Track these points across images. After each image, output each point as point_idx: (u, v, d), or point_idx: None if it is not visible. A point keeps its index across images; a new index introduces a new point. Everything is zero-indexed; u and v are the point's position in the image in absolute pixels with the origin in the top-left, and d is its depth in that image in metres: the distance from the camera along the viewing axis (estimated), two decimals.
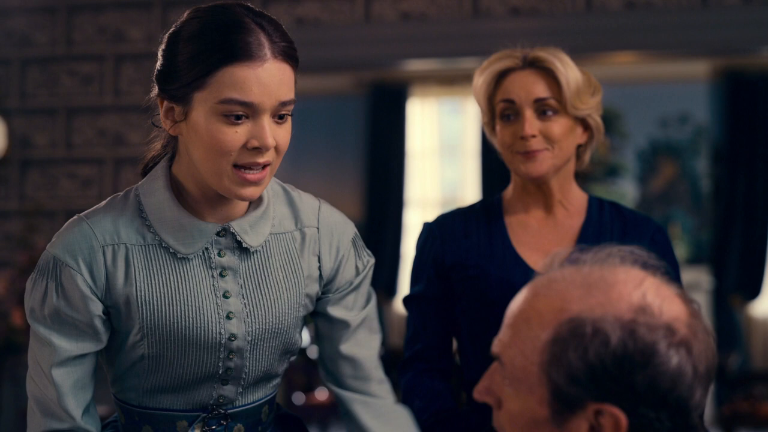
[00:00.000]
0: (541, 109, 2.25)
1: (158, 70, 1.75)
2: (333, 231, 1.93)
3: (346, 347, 1.94)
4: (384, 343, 7.88)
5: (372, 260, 1.99)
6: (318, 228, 1.90)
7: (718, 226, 8.53)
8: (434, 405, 2.29)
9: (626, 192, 9.00)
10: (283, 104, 1.71)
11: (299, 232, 1.89)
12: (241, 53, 1.66)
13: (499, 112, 2.29)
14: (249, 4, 1.75)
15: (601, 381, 1.20)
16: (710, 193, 8.77)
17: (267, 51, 1.67)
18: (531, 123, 2.24)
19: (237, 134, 1.68)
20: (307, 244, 1.89)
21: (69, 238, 1.77)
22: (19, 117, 6.14)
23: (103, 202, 1.83)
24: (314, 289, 1.91)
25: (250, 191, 1.72)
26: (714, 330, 6.04)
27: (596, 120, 2.31)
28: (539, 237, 2.32)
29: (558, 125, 2.25)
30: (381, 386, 1.97)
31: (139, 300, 1.77)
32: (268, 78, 1.67)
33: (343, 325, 1.94)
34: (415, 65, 6.43)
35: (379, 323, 1.97)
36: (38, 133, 6.14)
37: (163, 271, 1.78)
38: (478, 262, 2.30)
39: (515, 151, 2.27)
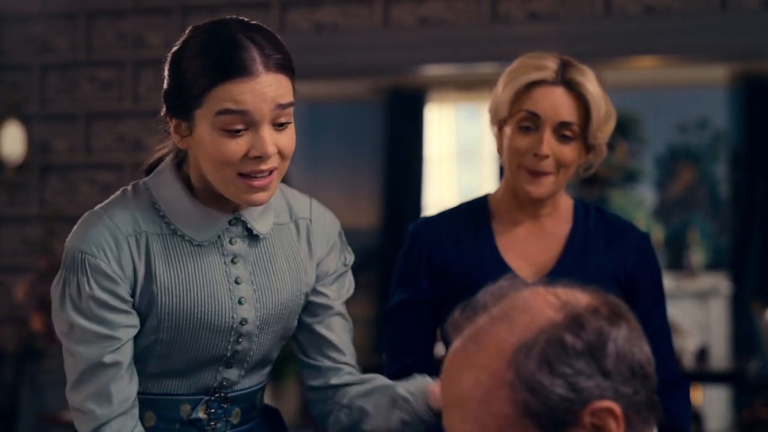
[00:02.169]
0: (561, 131, 2.22)
1: (164, 90, 1.84)
2: (324, 223, 2.03)
3: (326, 331, 2.03)
4: None
5: (352, 257, 2.08)
6: (311, 220, 2.01)
7: (737, 232, 8.50)
8: None
9: (645, 197, 8.98)
10: (281, 107, 1.77)
11: (294, 223, 1.99)
12: (233, 71, 1.73)
13: (518, 119, 2.24)
14: (244, 19, 1.82)
15: (578, 383, 1.19)
16: (729, 199, 8.74)
17: (259, 65, 1.74)
18: (549, 143, 2.21)
19: (238, 145, 1.76)
20: (302, 235, 1.99)
21: (92, 232, 1.83)
22: (39, 122, 6.17)
23: (114, 196, 1.90)
24: (312, 277, 2.00)
25: (259, 196, 1.80)
26: (733, 336, 6.02)
27: (603, 149, 2.29)
28: (526, 246, 2.31)
29: (571, 150, 2.23)
30: (356, 368, 2.07)
31: (159, 286, 1.84)
32: (262, 88, 1.74)
33: (324, 308, 2.02)
34: (433, 70, 6.43)
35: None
36: (58, 138, 6.17)
37: (180, 258, 1.86)
38: (465, 270, 2.28)
39: (524, 165, 2.24)
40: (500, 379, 1.21)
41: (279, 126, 1.78)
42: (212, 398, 1.94)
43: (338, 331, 2.04)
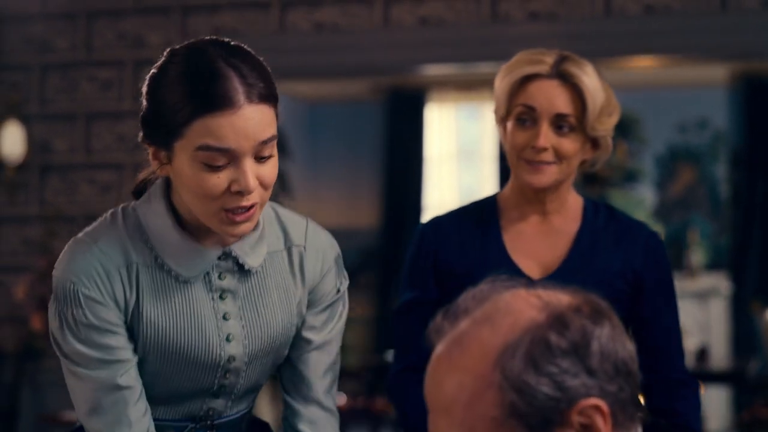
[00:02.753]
0: (559, 124, 2.22)
1: (142, 116, 1.76)
2: (318, 248, 1.94)
3: (302, 366, 1.95)
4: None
5: (347, 283, 2.00)
6: (305, 246, 1.92)
7: (737, 232, 8.50)
8: None
9: (645, 197, 8.98)
10: (264, 143, 1.70)
11: (287, 251, 1.91)
12: (214, 104, 1.66)
13: (516, 114, 2.25)
14: (224, 40, 1.74)
15: (564, 382, 1.19)
16: (729, 199, 8.74)
17: (241, 97, 1.67)
18: (546, 135, 2.21)
19: (219, 179, 1.69)
20: (295, 263, 1.91)
21: (81, 262, 1.77)
22: (39, 122, 6.17)
23: (101, 222, 1.83)
24: (304, 306, 1.93)
25: (241, 229, 1.74)
26: (733, 336, 6.01)
27: (608, 142, 2.28)
28: (534, 243, 2.30)
29: (571, 142, 2.23)
30: (328, 416, 1.98)
31: (144, 320, 1.79)
32: (244, 123, 1.67)
33: (305, 341, 1.95)
34: (433, 70, 6.43)
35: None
36: (58, 138, 6.17)
37: (167, 292, 1.80)
38: (471, 270, 2.26)
39: (523, 157, 2.24)
40: (486, 382, 1.21)
41: (261, 159, 1.71)
42: (198, 426, 1.91)
43: (314, 365, 1.95)
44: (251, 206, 1.72)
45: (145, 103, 1.75)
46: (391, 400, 2.36)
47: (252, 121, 1.67)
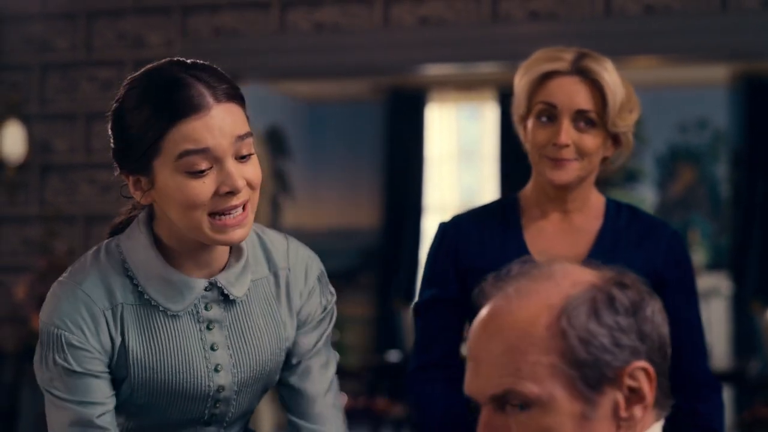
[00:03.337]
0: (579, 120, 2.22)
1: (113, 150, 1.77)
2: (300, 268, 1.94)
3: (300, 382, 1.95)
4: (401, 348, 7.87)
5: (334, 298, 2.00)
6: (289, 268, 1.92)
7: (738, 232, 8.50)
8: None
9: (645, 197, 8.98)
10: (241, 139, 1.71)
11: (273, 275, 1.91)
12: (184, 110, 1.68)
13: (536, 112, 2.25)
14: (180, 59, 1.76)
15: (620, 340, 1.23)
16: (729, 199, 8.74)
17: (209, 99, 1.69)
18: (567, 132, 2.21)
19: (205, 185, 1.70)
20: (281, 287, 1.91)
21: (67, 307, 1.77)
22: (39, 122, 6.17)
23: (85, 262, 1.83)
24: (292, 331, 1.93)
25: (236, 234, 1.74)
26: (734, 336, 6.00)
27: (629, 138, 2.29)
28: (555, 242, 2.30)
29: (592, 138, 2.23)
30: (332, 426, 1.99)
31: (131, 358, 1.79)
32: (218, 121, 1.69)
33: (297, 360, 1.95)
34: (434, 70, 6.43)
35: (395, 335, 1.93)
36: (58, 138, 6.17)
37: (154, 329, 1.80)
38: (491, 268, 2.26)
39: (544, 155, 2.24)
40: (551, 330, 1.24)
41: (242, 158, 1.72)
42: None
43: (314, 378, 1.96)
44: (242, 208, 1.72)
45: (113, 136, 1.76)
46: (409, 396, 2.36)
47: (225, 120, 1.69)
